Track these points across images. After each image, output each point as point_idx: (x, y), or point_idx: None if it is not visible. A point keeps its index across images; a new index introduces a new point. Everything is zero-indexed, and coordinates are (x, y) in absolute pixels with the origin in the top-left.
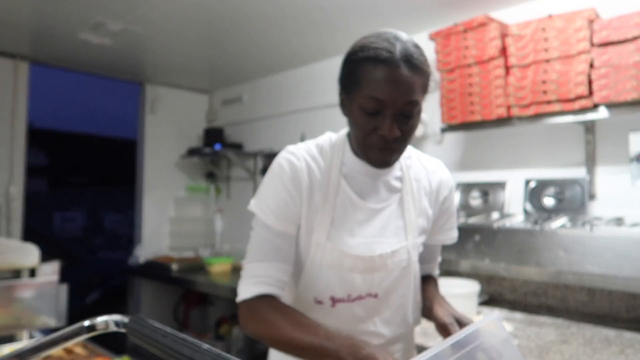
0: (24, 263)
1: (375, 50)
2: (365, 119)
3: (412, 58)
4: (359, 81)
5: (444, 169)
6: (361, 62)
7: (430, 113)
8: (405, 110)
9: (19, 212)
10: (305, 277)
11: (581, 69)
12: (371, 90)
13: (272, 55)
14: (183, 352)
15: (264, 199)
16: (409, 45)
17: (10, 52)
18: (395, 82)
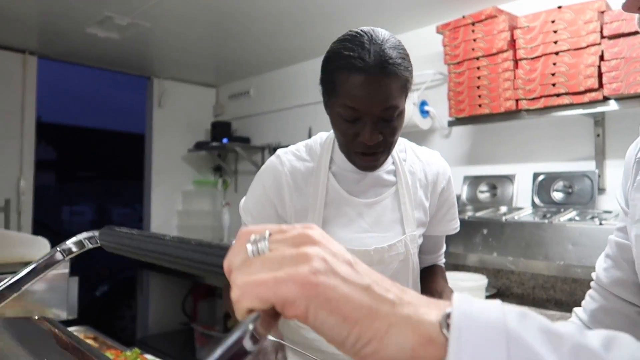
0: (35, 256)
1: (348, 60)
2: (345, 125)
3: (387, 64)
4: (335, 89)
5: (441, 160)
6: (335, 70)
7: (437, 106)
8: (384, 115)
9: (29, 205)
10: None
11: (591, 61)
12: (347, 100)
13: (279, 49)
14: (148, 248)
15: (247, 200)
16: (386, 47)
17: (19, 47)
18: (370, 91)
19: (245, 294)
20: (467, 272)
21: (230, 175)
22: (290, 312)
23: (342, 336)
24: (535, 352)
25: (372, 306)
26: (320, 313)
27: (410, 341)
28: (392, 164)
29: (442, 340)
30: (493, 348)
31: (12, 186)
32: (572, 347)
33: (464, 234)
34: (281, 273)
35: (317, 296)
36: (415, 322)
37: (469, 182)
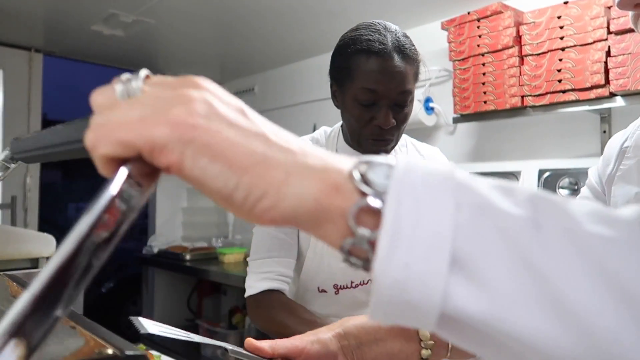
0: (42, 252)
1: (368, 42)
2: (360, 110)
3: (404, 48)
4: (352, 74)
5: (441, 155)
6: (354, 54)
7: (442, 103)
8: (399, 100)
9: (36, 202)
10: (307, 267)
11: (597, 57)
12: (366, 82)
13: (284, 46)
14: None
15: None
16: (400, 35)
17: (24, 45)
18: (389, 73)
19: (102, 137)
20: None
21: None
22: (161, 159)
23: (229, 188)
24: (487, 197)
25: (266, 153)
26: (199, 160)
27: (313, 190)
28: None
29: (350, 188)
30: (439, 193)
31: (18, 183)
32: (529, 195)
33: None
34: (151, 113)
35: (195, 140)
36: (320, 170)
37: None
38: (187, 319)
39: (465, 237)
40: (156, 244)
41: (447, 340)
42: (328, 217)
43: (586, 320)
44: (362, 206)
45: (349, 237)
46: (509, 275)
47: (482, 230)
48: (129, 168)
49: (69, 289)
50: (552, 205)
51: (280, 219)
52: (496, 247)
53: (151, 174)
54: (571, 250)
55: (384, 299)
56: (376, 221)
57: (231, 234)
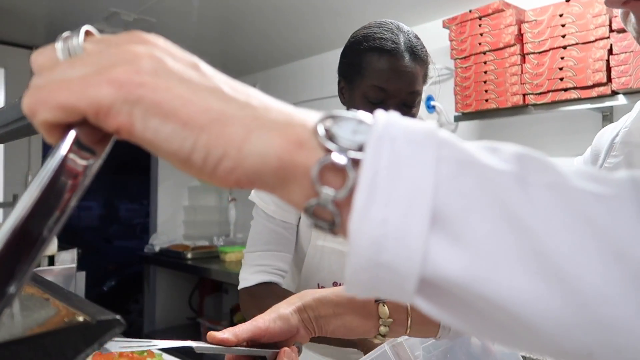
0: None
1: (381, 41)
2: (369, 108)
3: (416, 49)
4: (362, 71)
5: None
6: (366, 52)
7: (444, 102)
8: (408, 100)
9: None
10: (307, 264)
11: (599, 55)
12: (376, 80)
13: (286, 44)
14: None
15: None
16: (412, 36)
17: (26, 43)
18: (401, 73)
19: (41, 101)
20: None
21: None
22: (109, 121)
23: (186, 149)
24: (470, 153)
25: (223, 109)
26: (150, 120)
27: (275, 148)
28: None
29: (314, 144)
30: (419, 148)
31: (20, 181)
32: (514, 152)
33: None
34: (92, 72)
35: (142, 98)
36: (282, 124)
37: None
38: (188, 317)
39: (446, 193)
40: (158, 242)
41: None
42: (292, 176)
43: (573, 277)
44: (326, 163)
45: (313, 197)
46: (492, 232)
47: (465, 186)
48: (76, 132)
49: (23, 264)
50: (539, 162)
51: (245, 179)
52: (479, 203)
53: (102, 139)
54: (558, 206)
55: (361, 262)
56: (341, 180)
57: (232, 233)
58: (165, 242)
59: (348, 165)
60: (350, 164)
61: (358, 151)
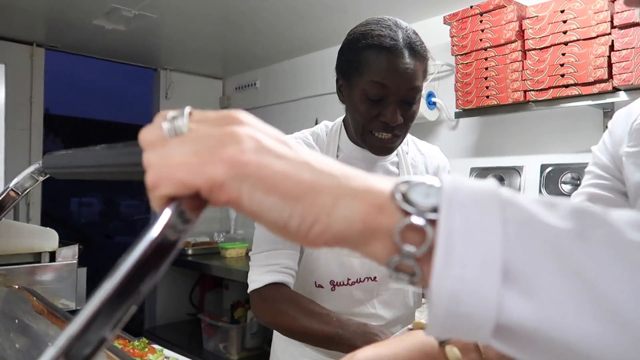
0: (44, 247)
1: (379, 38)
2: (368, 105)
3: (415, 45)
4: (361, 68)
5: (440, 154)
6: (364, 49)
7: (445, 98)
8: (407, 97)
9: (38, 197)
10: (305, 262)
11: (601, 51)
12: (375, 77)
13: (286, 41)
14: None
15: None
16: (410, 32)
17: (26, 39)
18: (400, 69)
19: (164, 178)
20: None
21: None
22: (221, 196)
23: (285, 217)
24: (532, 212)
25: (314, 180)
26: (255, 194)
27: (359, 212)
28: (395, 155)
29: (393, 208)
30: (486, 210)
31: None
32: (572, 208)
33: None
34: (205, 152)
35: (250, 175)
36: (363, 192)
37: (476, 173)
38: (189, 313)
39: (514, 251)
40: None
41: (503, 351)
42: (375, 236)
43: (634, 321)
44: (407, 224)
45: (395, 254)
46: (558, 284)
47: (530, 243)
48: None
49: (121, 314)
50: (594, 216)
51: (332, 240)
52: (545, 259)
53: (199, 207)
54: (616, 257)
55: (441, 312)
56: (420, 238)
57: (233, 229)
58: None
59: (426, 225)
60: (427, 223)
61: (432, 212)
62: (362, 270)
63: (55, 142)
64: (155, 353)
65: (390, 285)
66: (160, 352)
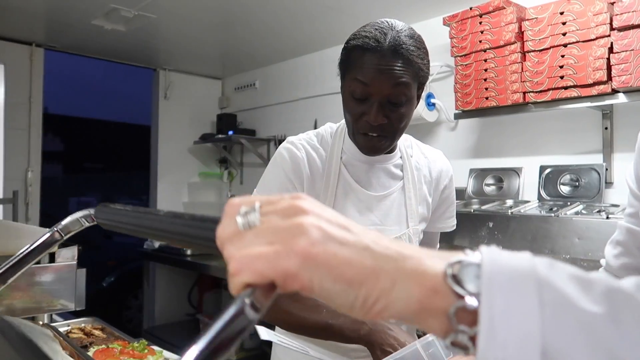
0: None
1: (364, 39)
2: (354, 103)
3: (401, 48)
4: (349, 66)
5: (444, 158)
6: (352, 49)
7: (444, 99)
8: (392, 98)
9: (37, 196)
10: None
11: (600, 53)
12: (358, 75)
13: (285, 41)
14: (143, 224)
15: (268, 187)
16: (403, 35)
17: (26, 40)
18: (380, 69)
19: (244, 268)
20: None
21: (236, 167)
22: (293, 285)
23: (350, 300)
24: (568, 295)
25: (374, 265)
26: (325, 282)
27: (416, 294)
28: (400, 158)
29: (447, 290)
30: (525, 293)
31: (20, 177)
32: (604, 289)
33: (470, 226)
34: (279, 246)
35: (319, 266)
36: (418, 275)
37: (475, 174)
38: (188, 313)
39: (552, 333)
40: None
41: None
42: (430, 315)
43: None
44: (460, 307)
45: (451, 332)
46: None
47: (566, 326)
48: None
49: None
50: (627, 298)
51: (390, 317)
52: (580, 342)
53: (271, 292)
54: None
55: None
56: (473, 318)
57: None
58: None
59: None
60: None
61: None
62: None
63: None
64: (154, 354)
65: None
66: (160, 354)
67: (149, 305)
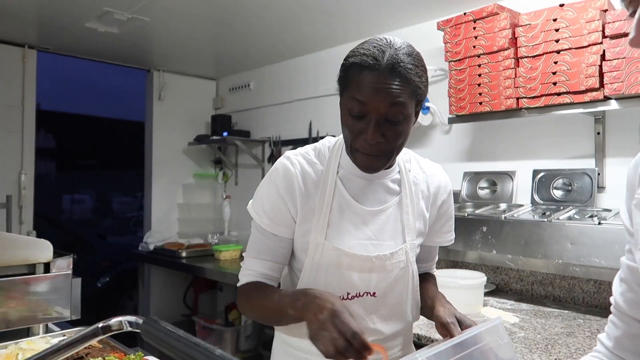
0: (39, 258)
1: (362, 57)
2: (352, 121)
3: (399, 66)
4: (347, 84)
5: (443, 173)
6: (350, 66)
7: (438, 102)
8: (389, 116)
9: (31, 199)
10: (305, 275)
11: (592, 60)
12: (355, 93)
13: (280, 42)
14: (196, 357)
15: (260, 202)
16: (401, 53)
17: (18, 41)
18: (377, 88)
19: None
20: (466, 270)
21: (231, 168)
22: None
23: None
24: None
25: None
26: None
27: None
28: (397, 172)
29: None
30: None
31: (13, 180)
32: None
33: (463, 230)
34: None
35: None
36: None
37: (469, 178)
38: (183, 314)
39: None
40: (152, 240)
41: None
42: None
43: None
44: None
45: None
46: None
47: None
48: None
49: None
50: None
51: None
52: None
53: None
54: None
55: None
56: None
57: (227, 230)
58: (160, 240)
59: None
60: None
61: None
62: (362, 284)
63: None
64: None
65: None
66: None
67: (144, 307)
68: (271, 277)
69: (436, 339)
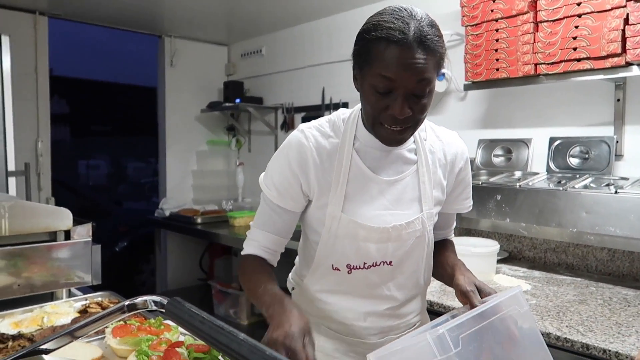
0: (59, 226)
1: (388, 31)
2: (376, 97)
3: (426, 39)
4: (370, 60)
5: (459, 140)
6: (374, 41)
7: (454, 68)
8: (416, 90)
9: (48, 167)
10: (322, 246)
11: (615, 24)
12: (382, 70)
13: (292, 7)
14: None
15: (270, 174)
16: (424, 24)
17: (29, 8)
18: (407, 64)
19: None
20: (479, 237)
21: (244, 135)
22: None
23: None
24: None
25: None
26: None
27: None
28: (413, 142)
29: None
30: None
31: (30, 148)
32: None
33: (477, 199)
34: None
35: None
36: None
37: (484, 145)
38: (199, 278)
39: None
40: (167, 207)
41: None
42: None
43: None
44: None
45: None
46: None
47: None
48: None
49: None
50: None
51: None
52: None
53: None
54: None
55: None
56: None
57: (241, 197)
58: (175, 206)
59: None
60: None
61: None
62: (378, 254)
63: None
64: (170, 331)
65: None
66: (176, 330)
67: (161, 271)
68: (273, 250)
69: (448, 306)
